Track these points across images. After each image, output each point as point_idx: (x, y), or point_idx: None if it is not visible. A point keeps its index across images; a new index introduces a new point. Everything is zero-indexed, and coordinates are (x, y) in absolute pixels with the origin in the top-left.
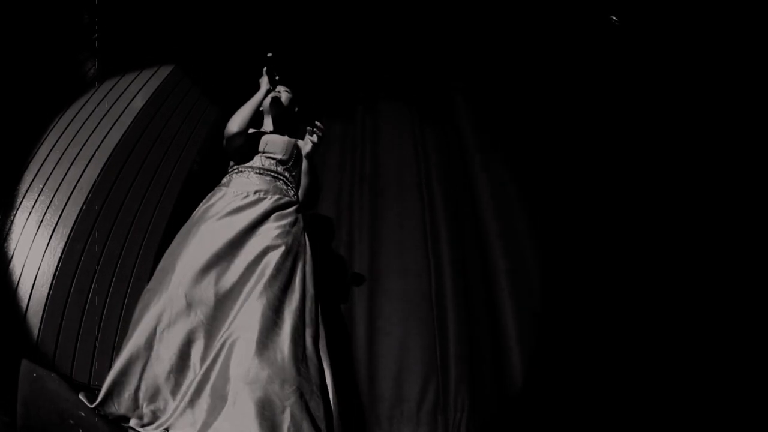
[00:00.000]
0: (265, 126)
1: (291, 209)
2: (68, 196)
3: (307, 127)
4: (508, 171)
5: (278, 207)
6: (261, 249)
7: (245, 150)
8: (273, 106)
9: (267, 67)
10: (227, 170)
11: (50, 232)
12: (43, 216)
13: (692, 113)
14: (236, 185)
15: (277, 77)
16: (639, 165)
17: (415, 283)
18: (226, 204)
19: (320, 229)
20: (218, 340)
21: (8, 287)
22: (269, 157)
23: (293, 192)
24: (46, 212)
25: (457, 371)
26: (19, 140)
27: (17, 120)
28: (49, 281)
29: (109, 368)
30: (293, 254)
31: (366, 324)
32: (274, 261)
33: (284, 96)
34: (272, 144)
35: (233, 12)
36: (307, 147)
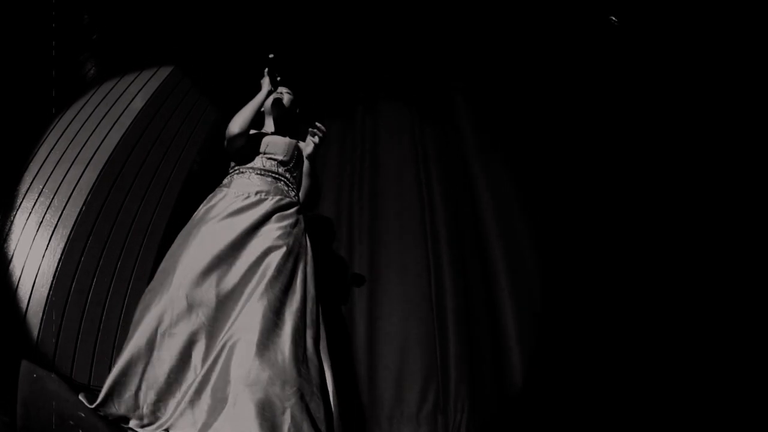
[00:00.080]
0: (266, 127)
1: (292, 210)
2: (68, 197)
3: (309, 129)
4: (508, 171)
5: (279, 208)
6: (262, 250)
7: (246, 151)
8: (274, 107)
9: (268, 68)
10: (228, 171)
11: (50, 233)
12: (43, 217)
13: (691, 114)
14: (237, 186)
15: (279, 78)
16: (638, 165)
17: (415, 284)
18: (228, 205)
19: (320, 230)
20: (219, 342)
21: (8, 288)
22: (270, 158)
23: (294, 193)
24: (46, 213)
25: (457, 371)
26: (19, 141)
27: (17, 121)
28: (49, 282)
29: (109, 369)
30: (294, 255)
31: (366, 324)
32: (276, 262)
33: (286, 97)
34: (273, 145)
35: (232, 13)
36: (309, 148)
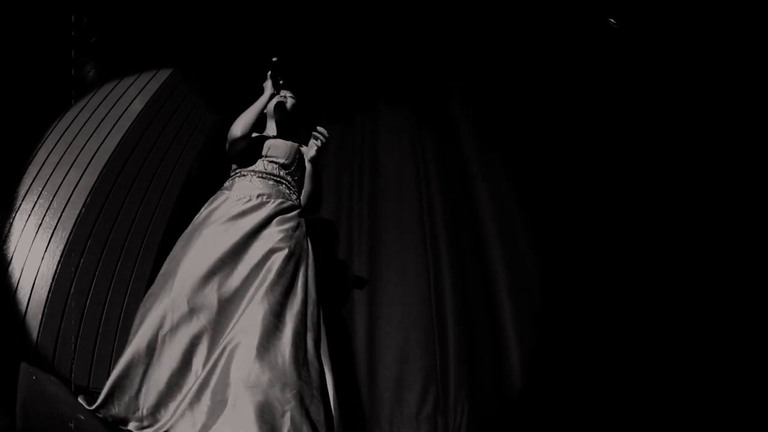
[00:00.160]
0: (268, 130)
1: (293, 213)
2: (67, 199)
3: (312, 132)
4: (507, 171)
5: (281, 211)
6: (264, 253)
7: (248, 154)
8: (277, 111)
9: (271, 72)
10: (229, 173)
11: (49, 235)
12: (42, 219)
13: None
14: (239, 189)
15: (281, 81)
16: (637, 166)
17: (415, 283)
18: (229, 208)
19: (319, 232)
20: (220, 345)
21: (7, 290)
22: (272, 161)
23: (296, 196)
24: (45, 215)
25: (457, 372)
26: (18, 143)
27: (16, 123)
28: (48, 284)
29: (109, 371)
30: (296, 258)
31: (366, 325)
32: (277, 265)
33: (289, 101)
34: (275, 148)
35: (232, 15)
36: (312, 152)
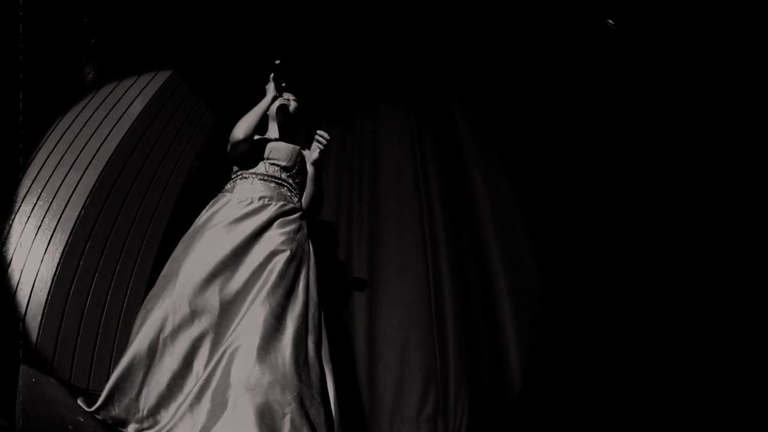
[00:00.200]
0: (270, 132)
1: (295, 216)
2: (67, 201)
3: (314, 136)
4: (506, 172)
5: (283, 213)
6: (265, 255)
7: (249, 156)
8: (279, 113)
9: (274, 74)
10: (230, 176)
11: (49, 237)
12: (42, 220)
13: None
14: (240, 191)
15: (284, 84)
16: (636, 167)
17: (414, 284)
18: (231, 211)
19: (319, 233)
20: (221, 347)
21: (7, 292)
22: (273, 164)
23: (297, 199)
24: (45, 217)
25: (457, 373)
26: (18, 144)
27: (15, 124)
28: (48, 286)
29: (108, 372)
30: (297, 260)
31: (365, 327)
32: (278, 267)
33: (292, 104)
34: (277, 151)
35: (231, 17)
36: (314, 154)
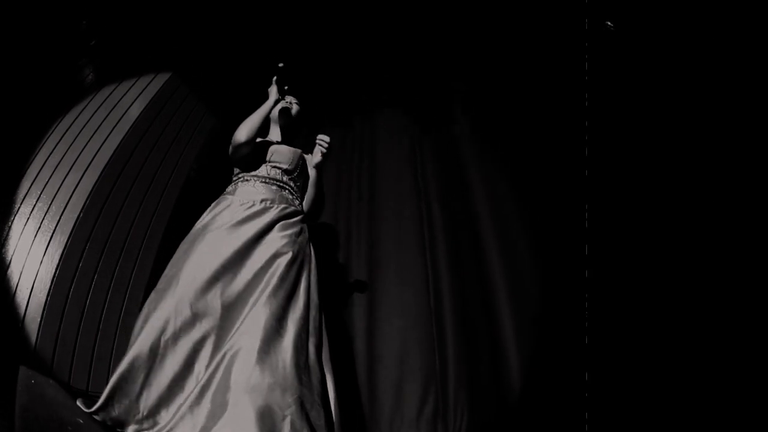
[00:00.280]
0: (272, 135)
1: (296, 219)
2: (66, 203)
3: (316, 140)
4: (505, 174)
5: (284, 216)
6: (267, 258)
7: (251, 158)
8: (282, 116)
9: (277, 77)
10: (231, 178)
11: (48, 239)
12: (41, 222)
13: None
14: (242, 194)
15: (286, 87)
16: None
17: (414, 287)
18: (233, 213)
19: (319, 235)
20: (222, 349)
21: (6, 294)
22: (275, 167)
23: (299, 201)
24: (44, 218)
25: (456, 375)
26: (17, 146)
27: (15, 126)
28: (47, 287)
29: (108, 374)
30: (299, 263)
31: (365, 329)
32: (280, 270)
33: (294, 107)
34: (278, 153)
35: (231, 19)
36: (317, 158)
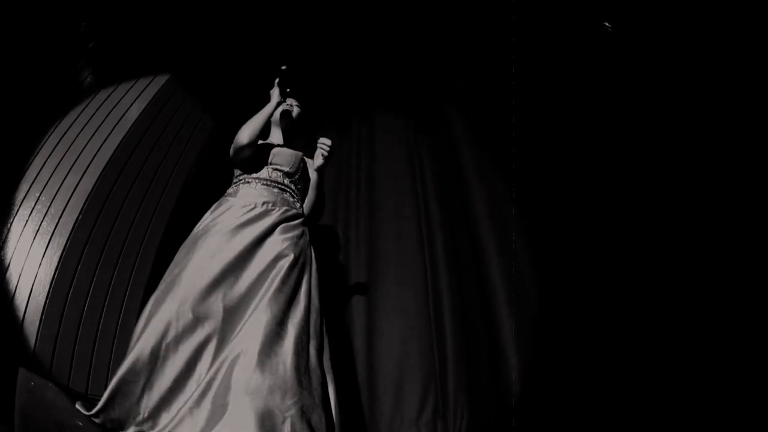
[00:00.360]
0: (273, 137)
1: (298, 221)
2: (65, 205)
3: (318, 143)
4: (503, 175)
5: (286, 219)
6: (269, 261)
7: (252, 161)
8: (283, 119)
9: (279, 80)
10: (232, 180)
11: (47, 241)
12: (40, 224)
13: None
14: (243, 196)
15: (288, 90)
16: (634, 169)
17: (413, 289)
18: (234, 216)
19: (318, 238)
20: (223, 353)
21: (5, 296)
22: (276, 169)
23: (299, 204)
24: (43, 221)
25: (456, 377)
26: (16, 148)
27: (14, 128)
28: (46, 290)
29: (107, 377)
30: (300, 266)
31: (364, 332)
32: (281, 273)
33: (295, 110)
34: (280, 156)
35: (229, 22)
36: (318, 161)
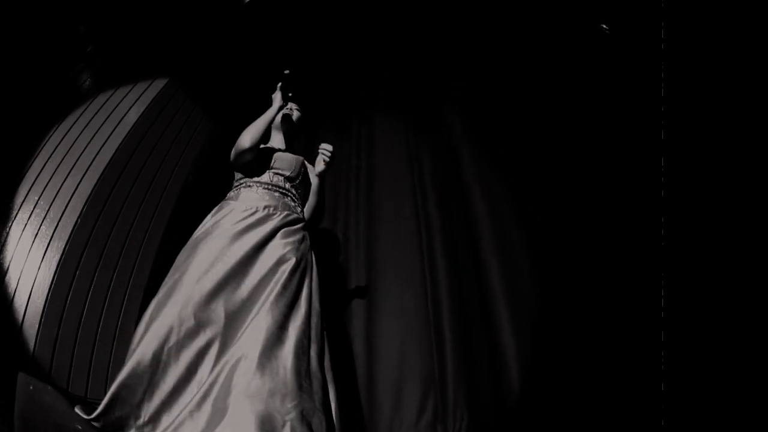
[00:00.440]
0: (273, 141)
1: (299, 226)
2: (64, 208)
3: (319, 149)
4: (503, 176)
5: (287, 223)
6: (270, 266)
7: (254, 165)
8: (284, 123)
9: (282, 84)
10: (232, 183)
11: (46, 244)
12: (39, 228)
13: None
14: (245, 200)
15: (290, 94)
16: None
17: (412, 292)
18: (235, 220)
19: (318, 241)
20: (224, 357)
21: (4, 300)
22: (278, 174)
23: (300, 209)
24: (42, 224)
25: (455, 379)
26: (15, 152)
27: (12, 131)
28: (45, 293)
29: (106, 380)
30: (301, 271)
31: (364, 334)
32: (283, 278)
33: (295, 114)
34: (281, 160)
35: (228, 25)
36: (320, 166)
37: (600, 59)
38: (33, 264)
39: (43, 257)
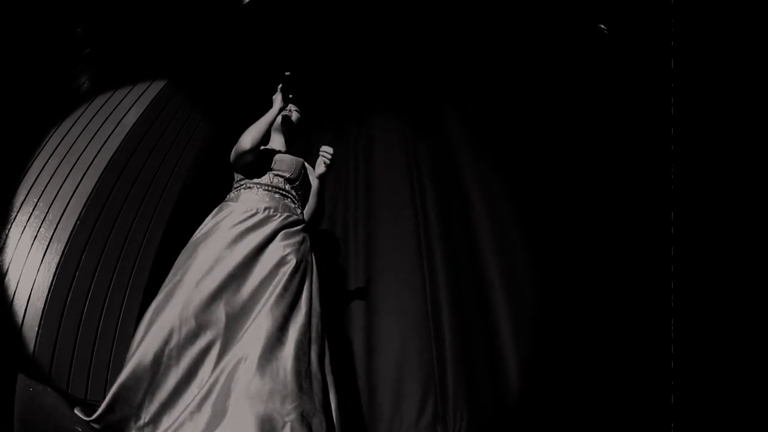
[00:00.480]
0: (273, 143)
1: (299, 227)
2: (63, 209)
3: (320, 152)
4: (501, 177)
5: (287, 225)
6: (271, 267)
7: (254, 166)
8: (284, 125)
9: (282, 85)
10: (232, 184)
11: (45, 246)
12: (38, 230)
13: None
14: (245, 201)
15: (291, 96)
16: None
17: (411, 292)
18: (235, 222)
19: (317, 238)
20: (225, 359)
21: (4, 302)
22: (278, 175)
23: (300, 210)
24: (41, 226)
25: (455, 380)
26: (14, 154)
27: (11, 133)
28: (45, 295)
29: (106, 382)
30: (301, 272)
31: (364, 335)
32: (283, 280)
33: (294, 115)
34: (281, 162)
35: (226, 27)
36: (321, 168)
37: (599, 59)
38: (32, 265)
39: (43, 258)
